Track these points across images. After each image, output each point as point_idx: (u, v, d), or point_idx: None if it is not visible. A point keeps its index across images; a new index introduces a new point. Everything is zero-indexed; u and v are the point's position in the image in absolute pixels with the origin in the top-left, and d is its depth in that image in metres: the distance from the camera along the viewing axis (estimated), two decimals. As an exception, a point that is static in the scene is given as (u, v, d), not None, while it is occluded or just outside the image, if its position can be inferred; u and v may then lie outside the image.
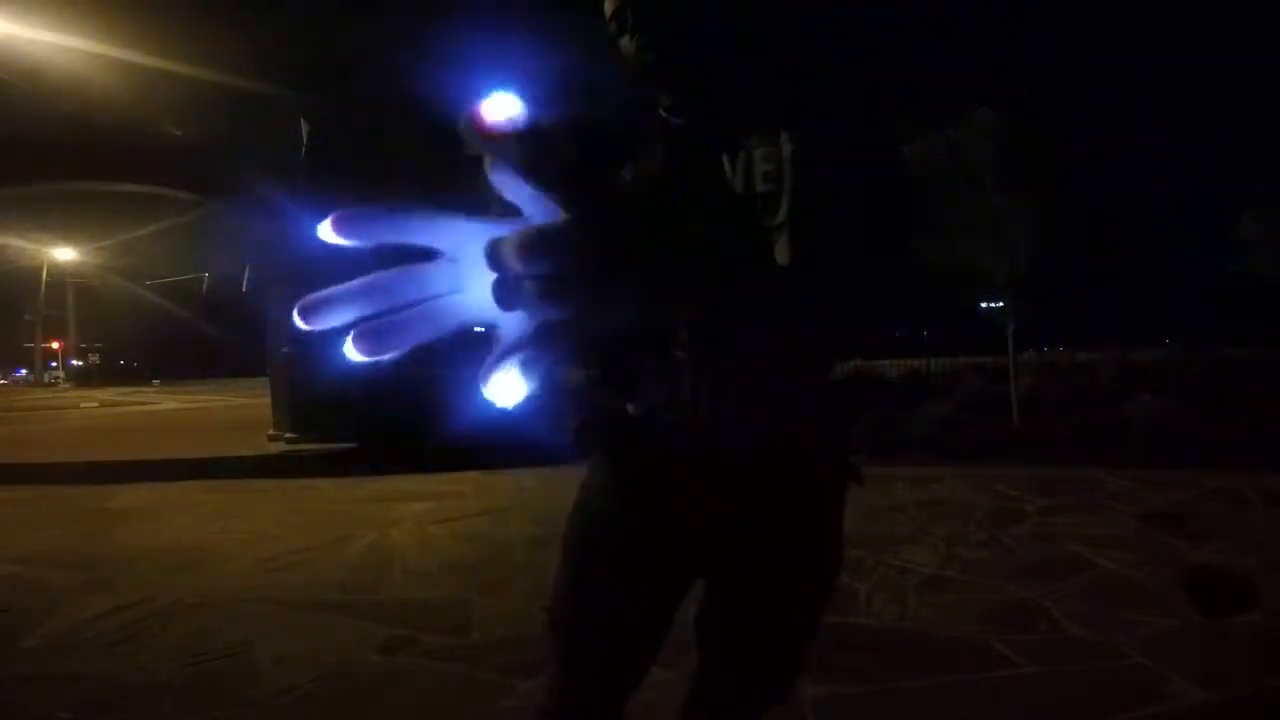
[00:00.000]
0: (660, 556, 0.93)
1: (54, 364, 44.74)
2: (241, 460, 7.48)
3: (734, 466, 0.88)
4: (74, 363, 45.81)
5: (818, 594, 0.98)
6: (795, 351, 0.88)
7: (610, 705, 0.99)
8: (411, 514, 4.57)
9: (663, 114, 0.92)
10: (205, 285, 30.06)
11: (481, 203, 0.43)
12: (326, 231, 0.37)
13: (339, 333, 0.40)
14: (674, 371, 0.86)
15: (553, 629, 0.98)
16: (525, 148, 0.36)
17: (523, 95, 0.36)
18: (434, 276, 0.40)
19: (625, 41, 0.89)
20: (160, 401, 20.86)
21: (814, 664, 2.30)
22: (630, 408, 0.90)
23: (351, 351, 0.38)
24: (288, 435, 8.42)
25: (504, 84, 0.37)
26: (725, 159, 0.84)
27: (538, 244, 0.34)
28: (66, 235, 31.65)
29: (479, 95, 0.36)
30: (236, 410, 15.27)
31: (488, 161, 0.38)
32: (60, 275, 38.88)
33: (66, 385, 37.78)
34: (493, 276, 0.35)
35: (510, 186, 0.37)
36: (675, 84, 0.90)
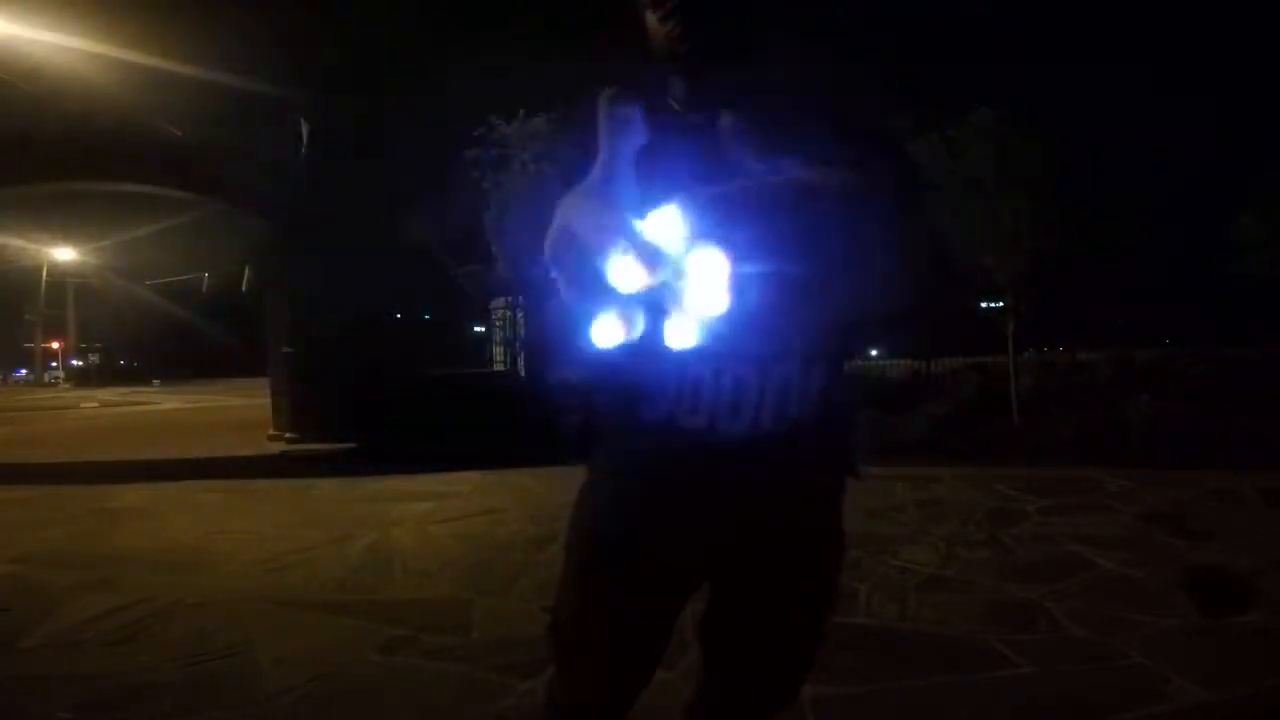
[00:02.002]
0: (662, 559, 0.93)
1: (54, 364, 44.70)
2: (241, 460, 7.48)
3: (738, 469, 0.88)
4: (74, 363, 45.79)
5: (818, 594, 0.98)
6: (814, 352, 0.88)
7: (612, 708, 0.99)
8: (411, 514, 4.56)
9: (673, 104, 0.90)
10: (205, 285, 30.07)
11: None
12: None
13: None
14: (696, 377, 0.85)
15: (554, 630, 0.98)
16: None
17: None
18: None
19: (651, 16, 0.86)
20: (160, 401, 20.85)
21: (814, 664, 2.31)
22: (646, 412, 0.89)
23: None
24: (288, 435, 8.43)
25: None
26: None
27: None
28: (66, 235, 31.62)
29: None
30: (236, 410, 15.27)
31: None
32: (60, 275, 38.84)
33: (66, 385, 37.74)
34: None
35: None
36: (698, 79, 0.88)
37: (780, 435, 0.87)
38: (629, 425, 0.90)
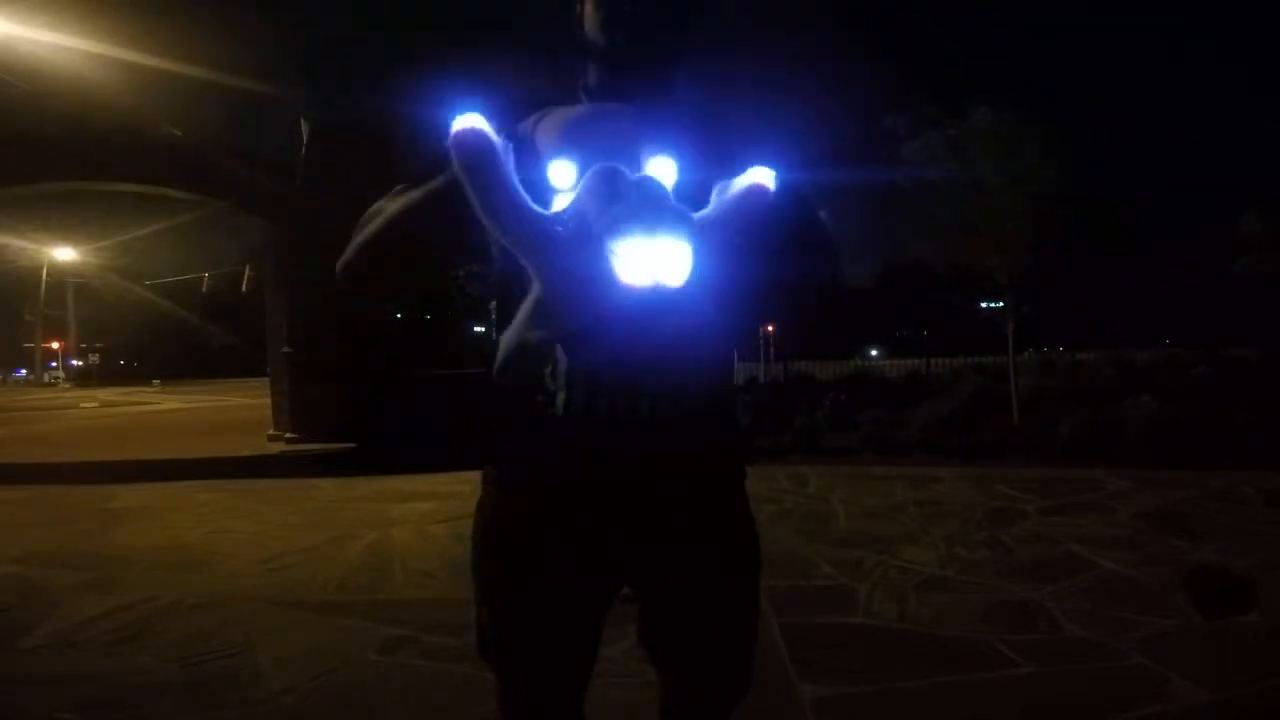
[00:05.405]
0: (579, 568, 0.90)
1: (54, 364, 44.72)
2: (241, 460, 7.49)
3: (642, 467, 0.87)
4: (74, 363, 45.79)
5: (735, 581, 0.97)
6: (708, 351, 0.89)
7: (564, 705, 0.98)
8: (412, 514, 4.56)
9: (582, 91, 0.96)
10: (205, 285, 30.09)
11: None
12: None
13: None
14: (597, 371, 0.84)
15: (484, 654, 0.97)
16: None
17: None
18: None
19: (591, 10, 0.92)
20: (160, 402, 20.86)
21: (814, 664, 2.31)
22: (554, 406, 0.86)
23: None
24: (288, 435, 8.43)
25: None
26: None
27: None
28: (66, 235, 31.63)
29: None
30: (236, 410, 15.29)
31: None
32: (60, 275, 38.86)
33: (66, 385, 37.74)
34: None
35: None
36: (629, 67, 0.93)
37: (682, 423, 0.87)
38: (541, 427, 0.87)
